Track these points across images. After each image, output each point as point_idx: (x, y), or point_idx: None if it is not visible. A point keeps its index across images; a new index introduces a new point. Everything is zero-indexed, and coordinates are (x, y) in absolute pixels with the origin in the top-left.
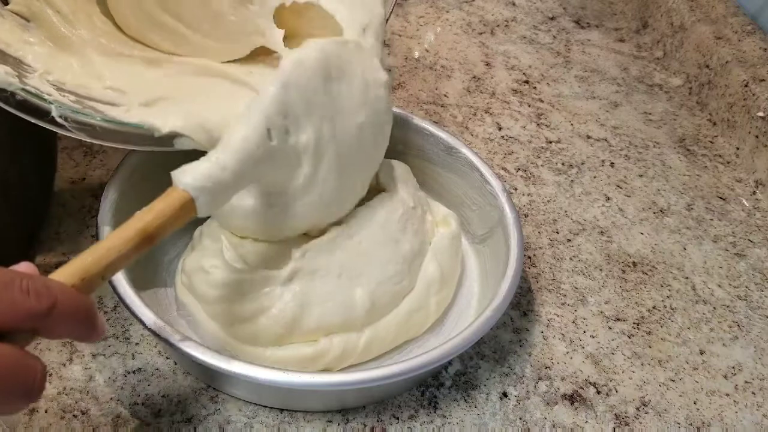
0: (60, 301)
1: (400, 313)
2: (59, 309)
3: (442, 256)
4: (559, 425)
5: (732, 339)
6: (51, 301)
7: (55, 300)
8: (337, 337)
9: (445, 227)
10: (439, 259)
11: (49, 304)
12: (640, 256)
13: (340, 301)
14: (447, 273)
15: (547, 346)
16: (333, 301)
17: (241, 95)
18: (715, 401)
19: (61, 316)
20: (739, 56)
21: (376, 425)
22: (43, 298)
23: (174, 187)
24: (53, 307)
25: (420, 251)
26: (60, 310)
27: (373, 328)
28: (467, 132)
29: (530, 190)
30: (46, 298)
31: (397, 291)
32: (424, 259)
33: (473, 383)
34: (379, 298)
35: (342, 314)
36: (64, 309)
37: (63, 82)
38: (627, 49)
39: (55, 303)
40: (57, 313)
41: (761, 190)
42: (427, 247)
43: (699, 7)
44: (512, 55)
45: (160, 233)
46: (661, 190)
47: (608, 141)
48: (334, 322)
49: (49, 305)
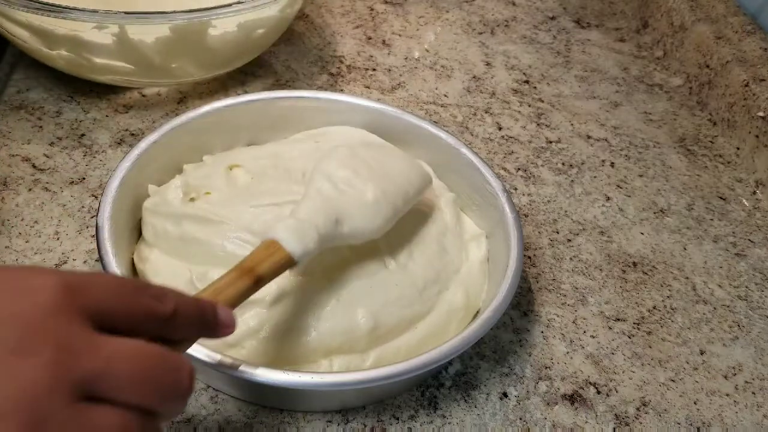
0: (179, 304)
1: (415, 338)
2: (180, 312)
3: (471, 283)
4: (559, 425)
5: (732, 339)
6: (173, 305)
7: (176, 304)
8: (339, 359)
9: (477, 248)
10: (467, 286)
11: (173, 308)
12: (641, 256)
13: (340, 321)
14: (473, 301)
15: (547, 346)
16: (331, 321)
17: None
18: (715, 401)
19: (182, 318)
20: (740, 56)
21: (376, 425)
22: (169, 302)
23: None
24: (176, 310)
25: (438, 277)
26: (181, 313)
27: (380, 351)
28: (467, 132)
29: (530, 190)
30: (171, 302)
31: (406, 315)
32: (446, 284)
33: (473, 383)
34: (384, 319)
35: (342, 335)
36: (183, 312)
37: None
38: (627, 49)
39: (177, 307)
40: (179, 315)
41: (761, 190)
42: (451, 270)
43: (699, 6)
44: (512, 55)
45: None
46: (662, 190)
47: (608, 141)
48: (334, 343)
49: (173, 308)
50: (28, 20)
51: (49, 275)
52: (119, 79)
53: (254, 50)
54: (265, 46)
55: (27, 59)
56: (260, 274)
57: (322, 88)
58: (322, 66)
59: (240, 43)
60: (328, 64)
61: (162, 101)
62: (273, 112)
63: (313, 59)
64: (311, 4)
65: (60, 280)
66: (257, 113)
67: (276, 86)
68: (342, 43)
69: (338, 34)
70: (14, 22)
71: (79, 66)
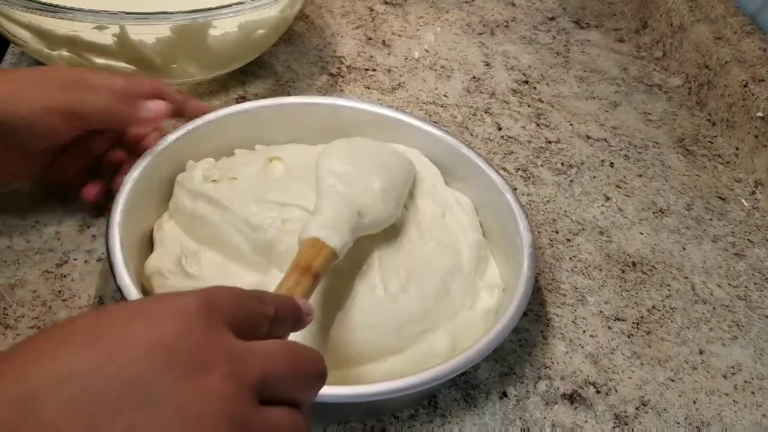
0: (277, 304)
1: (378, 370)
2: (279, 310)
3: (464, 333)
4: (559, 425)
5: (731, 339)
6: (275, 306)
7: (275, 304)
8: None
9: (488, 298)
10: (457, 334)
11: (275, 309)
12: (640, 256)
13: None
14: (460, 350)
15: (546, 346)
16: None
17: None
18: (715, 401)
19: (281, 315)
20: (739, 56)
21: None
22: (270, 303)
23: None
24: (277, 309)
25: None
26: (280, 311)
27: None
28: (467, 132)
29: (530, 190)
30: (271, 303)
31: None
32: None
33: (473, 383)
34: (350, 343)
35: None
36: (281, 310)
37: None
38: (627, 49)
39: (277, 306)
40: (279, 313)
41: (760, 190)
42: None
43: (698, 7)
44: (512, 56)
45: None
46: (661, 190)
47: (608, 141)
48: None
49: (275, 308)
50: (28, 20)
51: (186, 297)
52: None
53: (254, 50)
54: (265, 46)
55: (27, 59)
56: (317, 270)
57: (323, 88)
58: (322, 66)
59: (240, 44)
60: (328, 64)
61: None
62: (339, 120)
63: (313, 60)
64: (311, 5)
65: (197, 299)
66: (318, 116)
67: (276, 87)
68: (342, 43)
69: (338, 35)
70: (15, 23)
71: (80, 66)
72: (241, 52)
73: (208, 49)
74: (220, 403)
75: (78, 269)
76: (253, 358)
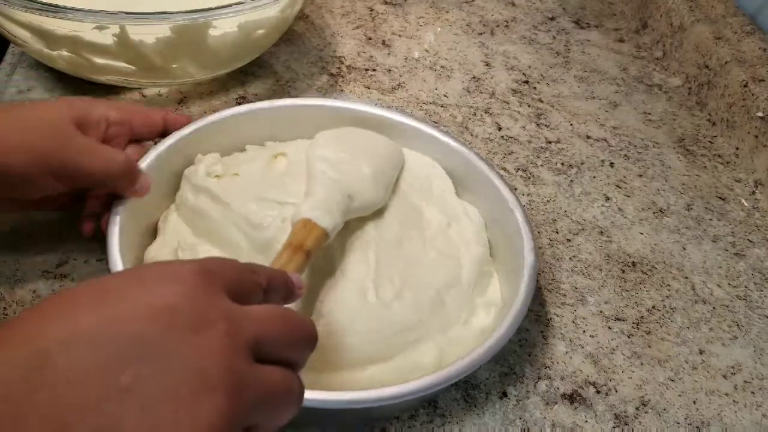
0: (269, 275)
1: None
2: (271, 281)
3: (454, 348)
4: (559, 425)
5: (731, 339)
6: (267, 276)
7: (267, 275)
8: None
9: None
10: (445, 349)
11: (267, 279)
12: (640, 256)
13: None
14: (446, 365)
15: (546, 346)
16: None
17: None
18: (715, 401)
19: (273, 285)
20: (739, 56)
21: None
22: (262, 274)
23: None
24: (269, 280)
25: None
26: (272, 282)
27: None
28: (467, 132)
29: (530, 190)
30: (263, 274)
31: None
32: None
33: (473, 383)
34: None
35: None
36: (273, 280)
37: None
38: (626, 49)
39: (269, 277)
40: (271, 283)
41: (760, 190)
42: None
43: (698, 7)
44: (512, 56)
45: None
46: (661, 190)
47: (608, 141)
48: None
49: (267, 279)
50: (28, 21)
51: (186, 264)
52: (120, 79)
53: (254, 51)
54: (265, 46)
55: (28, 60)
56: (309, 248)
57: (323, 88)
58: (322, 66)
59: (240, 44)
60: (328, 64)
61: (162, 101)
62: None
63: (313, 59)
64: (311, 5)
65: (197, 266)
66: (336, 119)
67: (276, 87)
68: (342, 43)
69: (338, 35)
70: (15, 23)
71: (80, 66)
72: (241, 52)
73: (208, 49)
74: (219, 358)
75: (78, 269)
76: (249, 319)
